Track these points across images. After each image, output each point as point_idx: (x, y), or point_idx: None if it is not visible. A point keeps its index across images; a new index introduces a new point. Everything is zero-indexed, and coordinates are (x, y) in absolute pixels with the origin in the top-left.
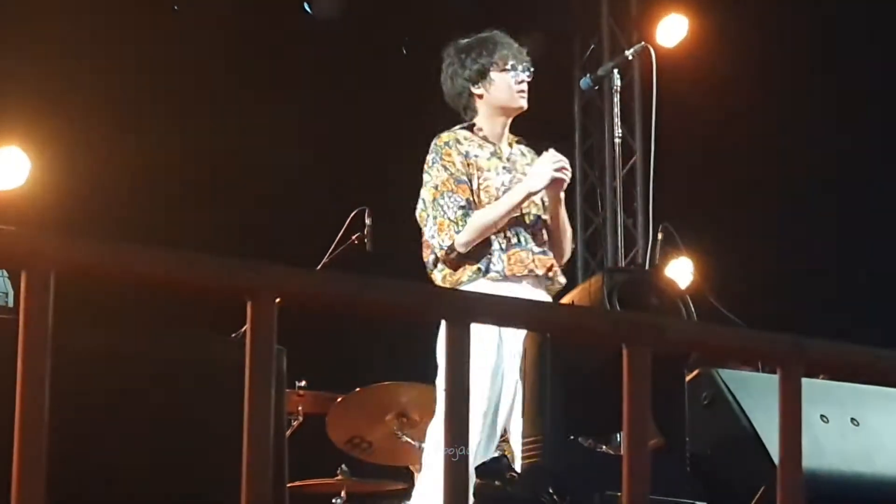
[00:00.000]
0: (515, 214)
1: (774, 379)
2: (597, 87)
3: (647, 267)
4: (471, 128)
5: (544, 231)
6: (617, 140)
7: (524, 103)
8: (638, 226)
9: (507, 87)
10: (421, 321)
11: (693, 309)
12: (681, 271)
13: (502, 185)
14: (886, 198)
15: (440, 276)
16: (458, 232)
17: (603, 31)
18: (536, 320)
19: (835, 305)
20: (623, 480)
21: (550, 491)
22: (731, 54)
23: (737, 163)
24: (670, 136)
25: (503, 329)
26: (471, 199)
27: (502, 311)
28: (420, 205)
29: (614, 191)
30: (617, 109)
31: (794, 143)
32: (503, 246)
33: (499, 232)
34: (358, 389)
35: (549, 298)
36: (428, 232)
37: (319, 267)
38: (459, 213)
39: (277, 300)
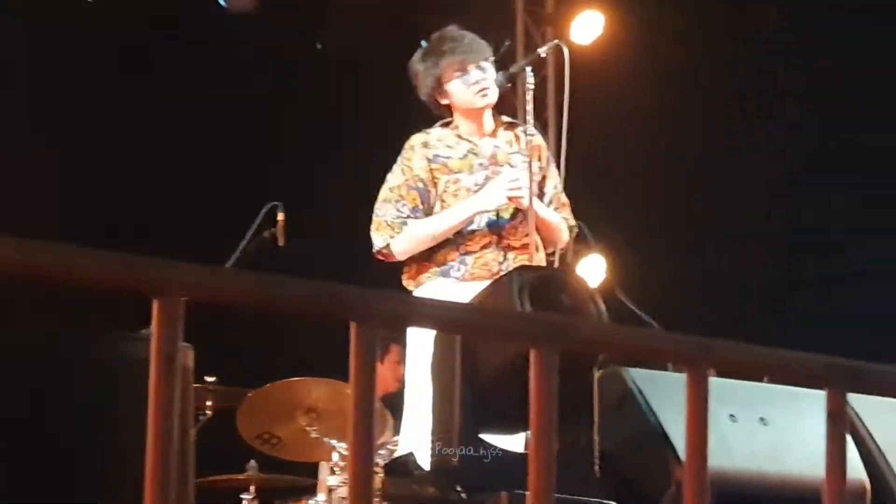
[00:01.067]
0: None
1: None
2: (510, 85)
3: (557, 265)
4: (448, 125)
5: (519, 229)
6: (529, 138)
7: (490, 100)
8: None
9: (463, 92)
10: (327, 321)
11: (604, 307)
12: (592, 269)
13: (475, 184)
14: (797, 194)
15: (406, 277)
16: (392, 237)
17: (517, 27)
18: (446, 321)
19: (746, 302)
20: (530, 480)
21: (458, 489)
22: (647, 52)
23: (649, 161)
24: (582, 134)
25: None
26: (418, 207)
27: (410, 312)
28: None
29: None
30: (530, 107)
31: (706, 142)
32: (474, 248)
33: (472, 233)
34: (268, 385)
35: None
36: (371, 227)
37: (230, 263)
38: (397, 221)
39: (184, 299)
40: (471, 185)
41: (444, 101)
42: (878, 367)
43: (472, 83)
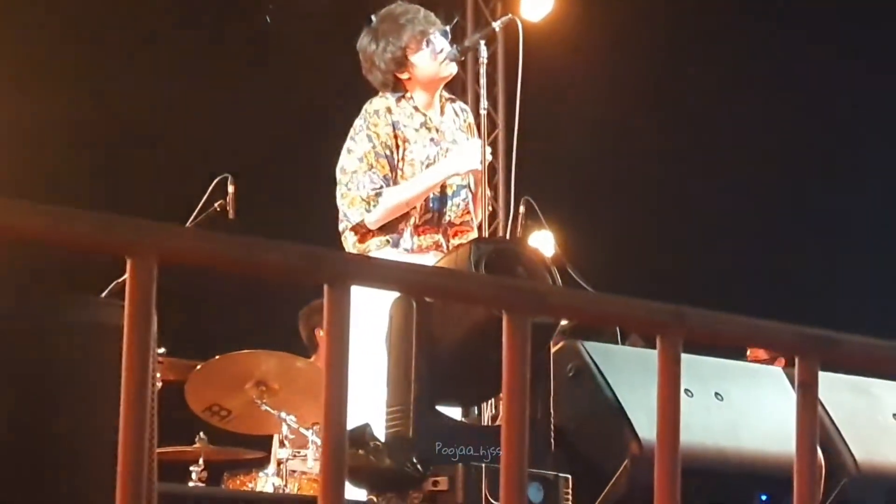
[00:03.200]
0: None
1: (640, 353)
2: (462, 59)
3: (510, 238)
4: (405, 97)
5: (466, 203)
6: (482, 112)
7: (453, 69)
8: (499, 199)
9: (429, 63)
10: (303, 283)
11: (559, 279)
12: (541, 245)
13: (427, 158)
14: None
15: (350, 242)
16: (368, 211)
17: (467, 4)
18: (417, 284)
19: (695, 277)
20: (503, 450)
21: (414, 461)
22: (597, 28)
23: (597, 136)
24: (533, 110)
25: None
26: (388, 175)
27: (383, 275)
28: (339, 169)
29: None
30: (483, 81)
31: (654, 117)
32: (417, 222)
33: (416, 214)
34: (217, 357)
35: None
36: (341, 201)
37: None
38: (372, 193)
39: (158, 259)
40: (423, 157)
41: (404, 76)
42: (850, 338)
43: (438, 52)
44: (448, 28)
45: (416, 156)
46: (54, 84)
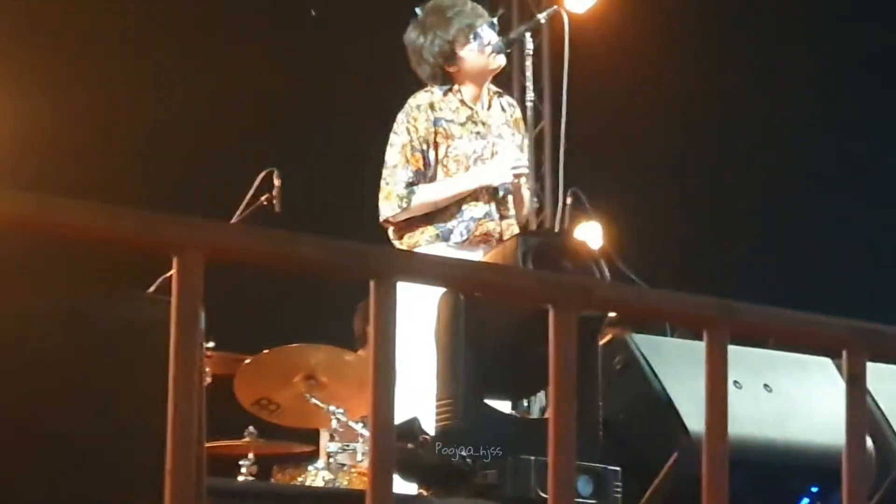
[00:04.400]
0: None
1: (688, 344)
2: (508, 51)
3: (557, 231)
4: (452, 90)
5: (510, 199)
6: (528, 104)
7: (502, 61)
8: (546, 190)
9: (477, 56)
10: (348, 278)
11: (606, 272)
12: (588, 236)
13: (473, 152)
14: (796, 161)
15: (398, 240)
16: (401, 207)
17: None
18: (462, 279)
19: (743, 269)
20: (550, 444)
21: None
22: (642, 20)
23: (645, 128)
24: (579, 101)
25: None
26: (421, 170)
27: (428, 270)
28: (384, 163)
29: None
30: (529, 73)
31: (703, 109)
32: (474, 216)
33: (473, 201)
34: (266, 351)
35: None
36: (380, 194)
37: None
38: (405, 190)
39: (204, 255)
40: (469, 152)
41: (453, 69)
42: None
43: (486, 45)
44: (495, 20)
45: (461, 151)
46: (96, 81)
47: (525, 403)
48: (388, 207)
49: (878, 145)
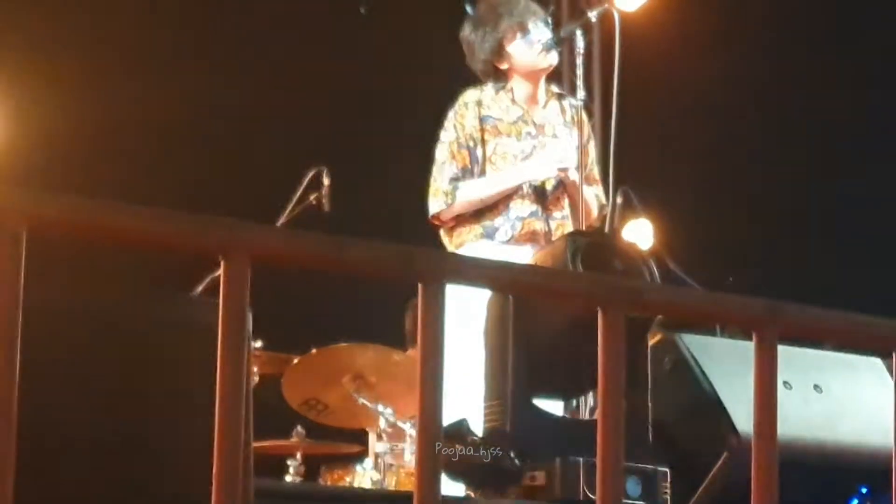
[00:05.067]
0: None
1: (737, 344)
2: (559, 49)
3: (607, 230)
4: (504, 88)
5: (565, 197)
6: (579, 103)
7: (553, 59)
8: None
9: (527, 53)
10: (396, 280)
11: (656, 272)
12: (640, 235)
13: (521, 151)
14: (851, 165)
15: (450, 237)
16: (447, 203)
17: None
18: (511, 282)
19: (794, 271)
20: (599, 445)
21: (512, 455)
22: (693, 18)
23: (696, 127)
24: (630, 100)
25: None
26: (467, 167)
27: (476, 273)
28: (433, 159)
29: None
30: (580, 72)
31: (754, 109)
32: (520, 215)
33: (520, 199)
34: (314, 351)
35: None
36: (429, 190)
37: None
38: (450, 186)
39: (251, 259)
40: (517, 151)
41: (504, 66)
42: None
43: (536, 42)
44: (548, 17)
45: (509, 149)
46: (142, 81)
47: (574, 404)
48: (435, 204)
49: None
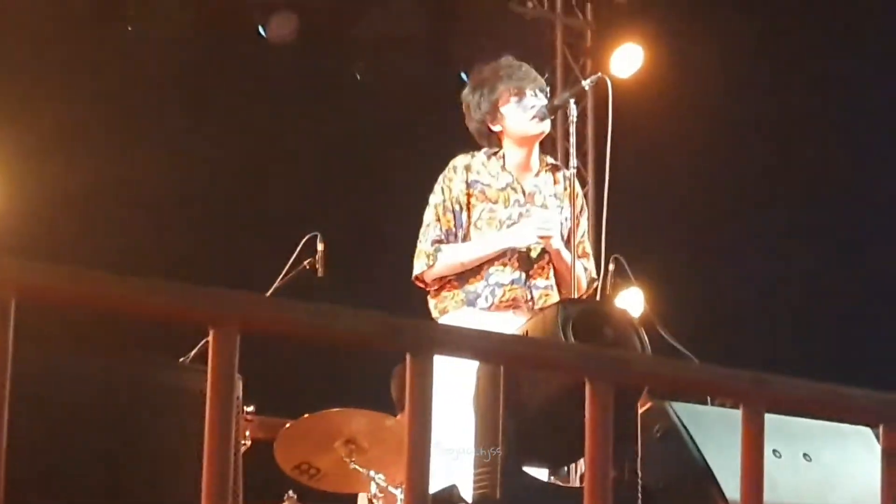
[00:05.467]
0: (520, 250)
1: (727, 413)
2: (552, 117)
3: (598, 298)
4: (496, 154)
5: (551, 266)
6: (572, 170)
7: (544, 127)
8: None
9: (519, 117)
10: (384, 351)
11: (647, 340)
12: (632, 303)
13: (509, 217)
14: (840, 230)
15: (436, 303)
16: (428, 265)
17: (557, 60)
18: (500, 352)
19: (785, 339)
20: None
21: None
22: (686, 85)
23: (689, 194)
24: (623, 168)
25: None
26: (452, 230)
27: (465, 344)
28: (423, 221)
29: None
30: (573, 139)
31: (749, 176)
32: (500, 282)
33: (501, 266)
34: (306, 416)
35: None
36: (415, 252)
37: (270, 292)
38: (432, 248)
39: (240, 328)
40: (504, 217)
41: (497, 128)
42: None
43: (530, 108)
44: (546, 87)
45: (495, 215)
46: (135, 151)
47: (565, 470)
48: (417, 265)
49: None
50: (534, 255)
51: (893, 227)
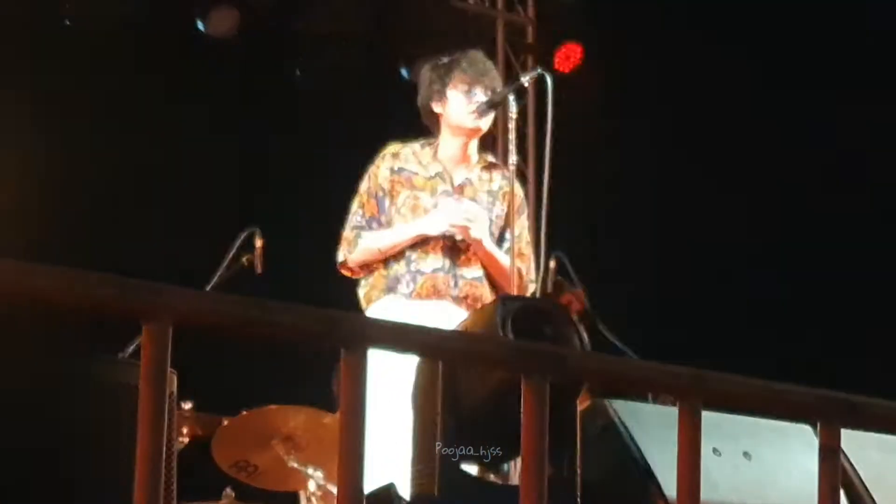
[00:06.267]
0: (443, 238)
1: (667, 410)
2: (492, 115)
3: (539, 296)
4: (430, 143)
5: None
6: (511, 167)
7: (481, 125)
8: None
9: (461, 106)
10: (318, 346)
11: (587, 338)
12: (572, 301)
13: (434, 206)
14: (790, 223)
15: (361, 291)
16: (349, 251)
17: (498, 56)
18: (435, 347)
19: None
20: None
21: None
22: (627, 81)
23: (629, 192)
24: (564, 164)
25: None
26: (375, 216)
27: (400, 338)
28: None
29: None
30: (513, 136)
31: (691, 171)
32: (421, 269)
33: (423, 253)
34: (244, 412)
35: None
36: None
37: (208, 288)
38: (353, 233)
39: (173, 322)
40: (430, 206)
41: (437, 109)
42: (873, 402)
43: (473, 101)
44: (494, 89)
45: (422, 202)
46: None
47: (506, 467)
48: (339, 253)
49: None
50: (461, 245)
51: (844, 218)
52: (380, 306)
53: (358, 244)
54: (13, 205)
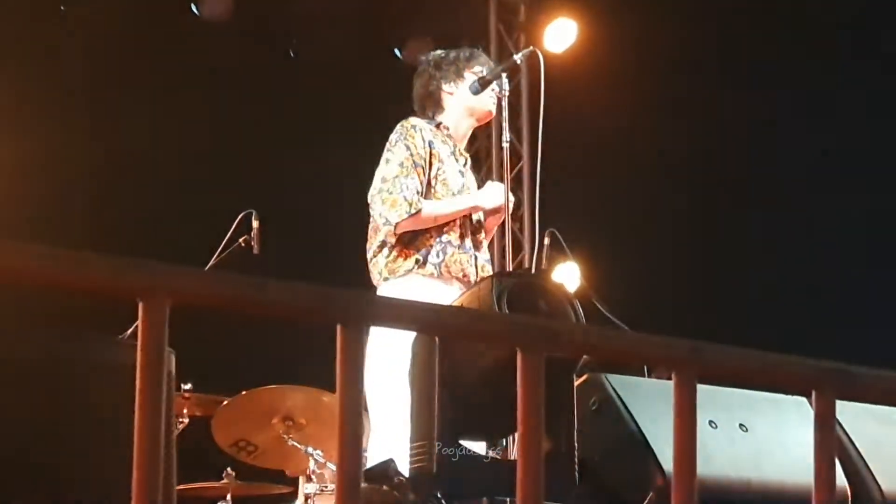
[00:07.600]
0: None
1: (664, 384)
2: (482, 91)
3: (534, 271)
4: (437, 125)
5: (483, 234)
6: (505, 145)
7: (493, 108)
8: (524, 231)
9: (474, 89)
10: (316, 323)
11: (582, 313)
12: (567, 276)
13: (454, 182)
14: (769, 203)
15: (383, 261)
16: (409, 212)
17: (490, 35)
18: (431, 323)
19: (717, 310)
20: (518, 486)
21: (438, 496)
22: (620, 59)
23: (622, 167)
24: (557, 142)
25: None
26: (423, 183)
27: (397, 314)
28: (380, 179)
29: None
30: (506, 114)
31: (681, 148)
32: (450, 243)
33: (449, 230)
34: (244, 392)
35: None
36: (381, 206)
37: (206, 269)
38: (416, 197)
39: (170, 301)
40: (451, 181)
41: (450, 88)
42: (868, 372)
43: (492, 90)
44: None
45: (449, 177)
46: (68, 124)
47: (504, 443)
48: (395, 213)
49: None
50: (476, 224)
51: (828, 204)
52: (399, 283)
53: (420, 209)
54: (12, 189)
